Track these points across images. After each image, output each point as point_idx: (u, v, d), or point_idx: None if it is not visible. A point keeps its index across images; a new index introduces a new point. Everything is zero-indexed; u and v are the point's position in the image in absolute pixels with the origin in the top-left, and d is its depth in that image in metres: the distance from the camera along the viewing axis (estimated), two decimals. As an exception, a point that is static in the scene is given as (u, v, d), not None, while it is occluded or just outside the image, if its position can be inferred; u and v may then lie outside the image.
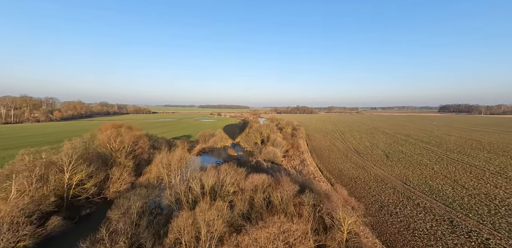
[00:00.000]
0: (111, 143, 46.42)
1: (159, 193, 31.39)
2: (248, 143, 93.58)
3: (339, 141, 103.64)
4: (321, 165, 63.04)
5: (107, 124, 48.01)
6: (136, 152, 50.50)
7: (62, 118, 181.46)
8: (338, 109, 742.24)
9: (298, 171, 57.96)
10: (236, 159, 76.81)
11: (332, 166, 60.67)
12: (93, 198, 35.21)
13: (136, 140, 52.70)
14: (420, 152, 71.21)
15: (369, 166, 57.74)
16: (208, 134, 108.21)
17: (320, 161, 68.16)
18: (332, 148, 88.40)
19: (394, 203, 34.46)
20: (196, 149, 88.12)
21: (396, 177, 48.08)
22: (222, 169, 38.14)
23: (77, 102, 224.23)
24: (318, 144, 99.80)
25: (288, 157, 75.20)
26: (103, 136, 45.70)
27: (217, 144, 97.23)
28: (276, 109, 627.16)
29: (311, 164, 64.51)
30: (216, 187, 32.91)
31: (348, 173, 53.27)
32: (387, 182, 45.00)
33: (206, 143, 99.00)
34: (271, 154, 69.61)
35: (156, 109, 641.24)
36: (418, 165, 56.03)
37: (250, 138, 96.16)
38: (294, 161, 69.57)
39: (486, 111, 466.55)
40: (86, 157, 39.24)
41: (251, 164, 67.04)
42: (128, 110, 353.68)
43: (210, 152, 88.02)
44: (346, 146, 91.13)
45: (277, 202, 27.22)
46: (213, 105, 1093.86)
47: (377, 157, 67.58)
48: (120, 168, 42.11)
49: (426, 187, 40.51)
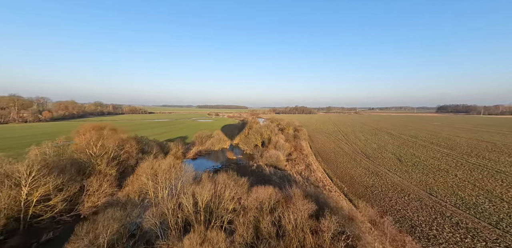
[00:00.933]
0: (91, 148, 39.99)
1: (141, 212, 25.18)
2: (247, 145, 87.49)
3: (344, 143, 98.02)
4: (329, 170, 57.18)
5: (86, 126, 41.67)
6: (121, 158, 44.10)
7: (52, 119, 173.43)
8: (337, 109, 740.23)
9: (304, 178, 51.99)
10: (235, 163, 70.66)
11: (341, 172, 54.84)
12: (61, 216, 28.81)
13: (121, 143, 46.29)
14: (434, 156, 65.78)
15: (382, 172, 52.03)
16: (205, 135, 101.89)
17: (327, 165, 62.32)
18: (337, 150, 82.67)
19: (427, 221, 28.73)
20: (192, 152, 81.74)
21: (417, 185, 42.41)
22: (220, 180, 32.02)
23: (69, 102, 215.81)
24: (322, 146, 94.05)
25: (292, 161, 69.23)
26: (81, 140, 39.27)
27: (214, 146, 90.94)
28: (274, 109, 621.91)
29: (318, 170, 58.61)
30: (213, 204, 26.78)
31: (361, 180, 47.48)
32: (409, 192, 39.30)
33: (203, 146, 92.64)
34: (273, 158, 63.59)
35: (153, 109, 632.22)
36: (437, 171, 50.48)
37: (250, 140, 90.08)
38: (299, 165, 63.61)
39: (485, 112, 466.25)
40: (57, 165, 32.81)
41: (252, 169, 60.95)
42: (124, 110, 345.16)
43: (207, 155, 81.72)
44: (353, 148, 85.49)
45: (290, 227, 21.20)
46: (211, 105, 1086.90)
47: (389, 161, 61.95)
48: (99, 177, 35.73)
49: (458, 200, 34.88)
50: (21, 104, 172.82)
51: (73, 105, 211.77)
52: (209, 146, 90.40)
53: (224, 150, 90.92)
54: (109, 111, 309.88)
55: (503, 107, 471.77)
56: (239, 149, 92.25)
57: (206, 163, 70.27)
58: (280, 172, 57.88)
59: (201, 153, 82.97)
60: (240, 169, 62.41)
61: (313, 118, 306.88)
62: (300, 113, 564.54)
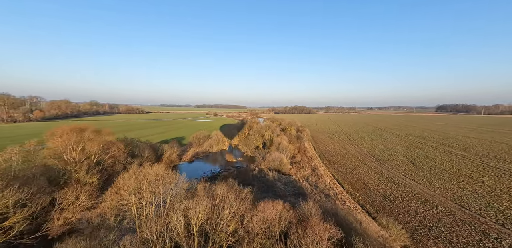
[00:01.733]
0: (69, 153, 34.50)
1: (117, 239, 19.88)
2: (248, 147, 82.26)
3: (349, 144, 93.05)
4: (338, 175, 52.05)
5: (63, 127, 36.14)
6: (106, 163, 38.62)
7: (44, 118, 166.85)
8: (336, 109, 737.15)
9: (312, 185, 46.82)
10: (235, 167, 65.40)
11: (352, 177, 49.74)
12: (21, 239, 23.38)
13: (106, 147, 40.79)
14: (450, 158, 60.94)
15: (398, 178, 47.00)
16: (203, 136, 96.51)
17: (336, 170, 57.21)
18: (343, 152, 77.63)
19: (470, 244, 23.71)
20: (188, 154, 76.37)
21: (443, 194, 37.43)
22: (219, 192, 26.77)
23: (62, 101, 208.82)
24: (327, 147, 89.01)
25: (296, 164, 64.07)
26: (57, 143, 33.76)
27: (212, 148, 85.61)
28: (273, 109, 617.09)
29: (325, 174, 53.47)
30: (209, 226, 21.48)
31: (376, 187, 42.42)
32: (435, 203, 34.32)
33: (201, 147, 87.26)
34: (276, 161, 58.40)
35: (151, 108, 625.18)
36: (460, 177, 45.55)
37: (250, 141, 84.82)
38: (304, 169, 58.46)
39: (485, 111, 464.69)
40: (22, 174, 27.33)
41: (254, 173, 55.73)
42: (120, 109, 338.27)
43: (204, 158, 76.36)
44: (359, 150, 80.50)
45: (311, 263, 16.01)
46: (210, 105, 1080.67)
47: (402, 165, 56.98)
48: (77, 187, 30.31)
49: (498, 214, 29.90)
50: (11, 103, 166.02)
51: (66, 105, 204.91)
52: (207, 147, 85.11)
53: (223, 152, 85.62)
54: (105, 110, 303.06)
55: (503, 107, 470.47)
56: (239, 150, 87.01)
57: (204, 167, 64.95)
58: (284, 177, 52.71)
59: (199, 155, 77.63)
60: (240, 174, 57.19)
61: (313, 118, 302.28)
62: (299, 112, 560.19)
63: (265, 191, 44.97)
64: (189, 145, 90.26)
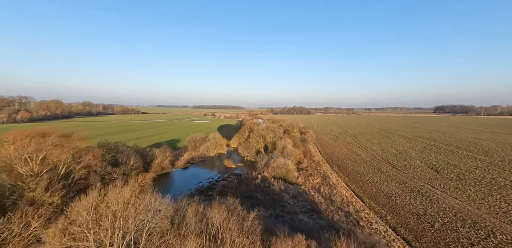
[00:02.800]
0: (24, 164, 27.00)
1: None
2: (248, 150, 75.11)
3: (357, 147, 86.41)
4: (354, 185, 45.07)
5: (19, 131, 28.70)
6: (75, 176, 31.14)
7: (31, 119, 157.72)
8: (334, 110, 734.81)
9: (326, 198, 39.76)
10: (235, 174, 58.15)
11: (370, 188, 42.81)
12: None
13: (79, 155, 33.33)
14: (475, 165, 54.46)
15: (426, 190, 40.19)
16: (199, 138, 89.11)
17: (349, 178, 50.27)
18: (353, 157, 70.86)
19: None
20: (182, 159, 68.98)
21: (491, 214, 30.64)
22: (216, 221, 19.59)
23: (51, 101, 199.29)
24: (333, 151, 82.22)
25: (303, 171, 57.06)
26: (7, 152, 26.27)
27: (210, 151, 78.24)
28: (272, 110, 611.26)
29: (338, 184, 46.46)
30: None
31: (403, 202, 35.54)
32: (488, 226, 27.48)
33: (196, 151, 79.92)
34: (282, 168, 51.32)
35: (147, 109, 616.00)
36: (501, 189, 38.85)
37: (250, 145, 77.72)
38: (314, 178, 51.43)
39: (484, 112, 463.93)
40: None
41: (256, 183, 48.60)
42: (115, 110, 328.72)
43: (201, 163, 68.96)
44: (370, 154, 73.82)
45: None
46: (207, 105, 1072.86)
47: (424, 173, 50.29)
48: (27, 211, 22.89)
49: None
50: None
51: (56, 105, 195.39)
52: (204, 151, 77.72)
53: (221, 156, 78.32)
54: (99, 111, 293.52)
55: (501, 108, 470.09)
56: (239, 154, 79.78)
57: (200, 174, 57.54)
58: (292, 187, 45.61)
59: (194, 160, 70.23)
60: (241, 184, 49.95)
61: (313, 119, 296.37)
62: (298, 113, 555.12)
63: (271, 207, 37.83)
64: (184, 149, 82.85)
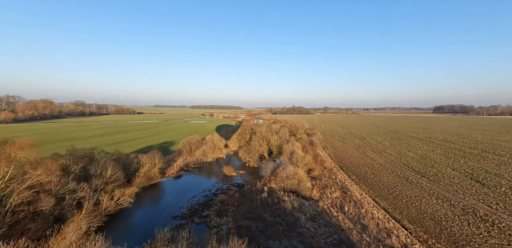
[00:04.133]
0: None
1: None
2: (250, 155, 66.38)
3: (369, 150, 78.19)
4: (384, 202, 36.57)
5: None
6: (15, 200, 22.19)
7: (15, 120, 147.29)
8: (333, 110, 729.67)
9: (354, 221, 31.16)
10: (236, 184, 49.42)
11: (406, 206, 34.33)
12: None
13: (23, 170, 24.40)
14: (519, 173, 46.33)
15: (486, 212, 31.66)
16: (195, 141, 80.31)
17: (374, 191, 41.81)
18: (369, 162, 62.55)
19: None
20: (175, 166, 60.07)
21: None
22: None
23: (39, 101, 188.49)
24: (344, 154, 73.89)
25: (317, 181, 48.50)
26: None
27: (207, 156, 69.46)
28: (271, 110, 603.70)
29: (364, 200, 37.94)
30: None
31: (465, 232, 26.95)
32: None
33: (192, 155, 71.13)
34: (293, 179, 42.72)
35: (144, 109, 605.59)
36: None
37: (253, 148, 69.04)
38: (331, 190, 42.89)
39: (484, 112, 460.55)
40: None
41: (263, 197, 40.06)
42: (109, 110, 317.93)
43: (196, 170, 60.17)
44: (387, 159, 65.56)
45: None
46: (205, 105, 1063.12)
47: (464, 184, 41.98)
48: None
49: None
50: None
51: (44, 104, 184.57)
52: (200, 156, 68.93)
53: (219, 162, 69.57)
54: (92, 111, 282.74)
55: (501, 108, 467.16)
56: (239, 159, 71.08)
57: (194, 184, 48.69)
58: (307, 204, 36.98)
59: (189, 167, 61.42)
60: (244, 198, 41.23)
61: (314, 119, 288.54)
62: (297, 113, 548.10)
63: (285, 234, 29.21)
64: (178, 153, 73.96)
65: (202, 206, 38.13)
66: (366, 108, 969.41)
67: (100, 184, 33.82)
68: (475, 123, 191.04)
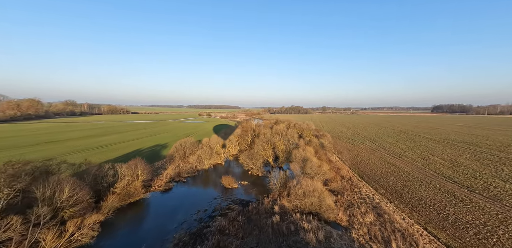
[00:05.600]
0: None
1: None
2: (253, 161, 56.67)
3: (387, 155, 69.10)
4: (443, 234, 27.10)
5: None
6: None
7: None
8: (332, 109, 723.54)
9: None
10: (238, 200, 39.61)
11: (480, 243, 25.06)
12: None
13: None
14: None
15: None
16: (190, 144, 70.41)
17: (418, 213, 32.41)
18: (393, 170, 53.36)
19: None
20: (164, 177, 50.19)
21: None
22: None
23: (24, 100, 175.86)
24: (359, 160, 64.65)
25: (339, 197, 38.91)
26: None
27: (202, 163, 59.60)
28: (269, 109, 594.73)
29: (413, 229, 28.46)
30: None
31: None
32: None
33: (185, 162, 61.37)
34: (312, 197, 33.12)
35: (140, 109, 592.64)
36: None
37: (256, 153, 59.42)
38: (359, 211, 33.38)
39: (484, 112, 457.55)
40: None
41: (274, 222, 30.50)
42: (102, 110, 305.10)
43: (190, 181, 50.24)
44: (413, 166, 56.48)
45: None
46: (202, 105, 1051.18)
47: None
48: None
49: None
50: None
51: (29, 104, 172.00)
52: (195, 162, 59.08)
53: (217, 169, 59.79)
54: (83, 111, 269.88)
55: (501, 107, 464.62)
56: (240, 165, 61.37)
57: (186, 202, 38.71)
58: (336, 235, 27.34)
59: (181, 176, 51.49)
60: (249, 224, 31.31)
61: (314, 119, 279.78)
62: (296, 113, 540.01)
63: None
64: (169, 158, 64.01)
65: (194, 237, 28.27)
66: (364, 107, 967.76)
67: (47, 213, 23.78)
68: (482, 123, 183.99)
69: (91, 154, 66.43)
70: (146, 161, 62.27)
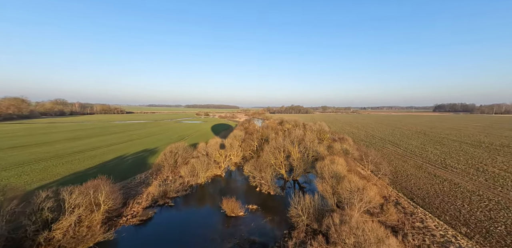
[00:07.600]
0: None
1: None
2: (262, 174, 43.25)
3: (427, 164, 56.20)
4: None
5: None
6: None
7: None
8: (332, 109, 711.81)
9: None
10: (246, 240, 26.35)
11: None
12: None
13: None
14: None
15: None
16: (182, 149, 57.13)
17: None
18: (450, 188, 40.40)
19: None
20: (143, 198, 36.83)
21: None
22: None
23: (5, 99, 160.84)
24: (393, 171, 51.64)
25: (400, 236, 25.74)
26: None
27: (197, 175, 46.15)
28: (269, 109, 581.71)
29: None
30: None
31: None
32: None
33: (174, 174, 48.18)
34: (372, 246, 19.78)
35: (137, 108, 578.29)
36: None
37: (265, 164, 46.02)
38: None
39: (489, 111, 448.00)
40: None
41: None
42: (94, 109, 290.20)
43: (179, 203, 36.86)
44: (474, 180, 43.57)
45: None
46: (201, 105, 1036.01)
47: None
48: None
49: None
50: None
51: (9, 103, 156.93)
52: (187, 175, 45.62)
53: (216, 183, 46.49)
54: (74, 110, 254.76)
55: (506, 106, 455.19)
56: (244, 178, 48.11)
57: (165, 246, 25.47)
58: None
59: (167, 196, 38.05)
60: None
61: (316, 119, 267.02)
62: (296, 112, 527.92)
63: None
64: (155, 170, 50.53)
65: None
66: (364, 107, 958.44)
67: None
68: (501, 122, 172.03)
69: (57, 164, 52.85)
70: (125, 173, 48.93)
